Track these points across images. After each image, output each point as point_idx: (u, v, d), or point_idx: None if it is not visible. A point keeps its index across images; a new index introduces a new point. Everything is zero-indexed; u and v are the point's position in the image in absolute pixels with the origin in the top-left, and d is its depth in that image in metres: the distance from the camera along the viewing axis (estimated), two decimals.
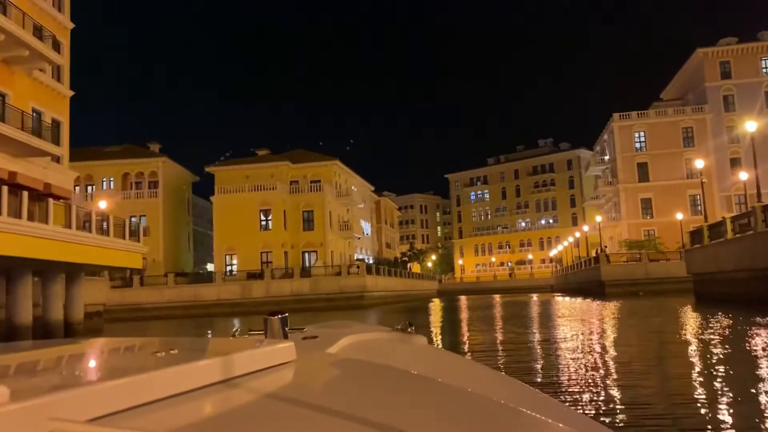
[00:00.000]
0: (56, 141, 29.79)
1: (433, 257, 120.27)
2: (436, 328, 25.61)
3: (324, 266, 56.36)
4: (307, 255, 60.46)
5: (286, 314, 1.83)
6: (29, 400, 0.82)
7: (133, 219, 59.71)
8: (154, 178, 60.81)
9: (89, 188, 60.14)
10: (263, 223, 58.97)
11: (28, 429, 0.80)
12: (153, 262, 58.86)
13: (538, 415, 1.27)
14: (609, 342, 16.95)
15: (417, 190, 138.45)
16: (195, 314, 49.53)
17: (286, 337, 1.76)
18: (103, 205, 36.62)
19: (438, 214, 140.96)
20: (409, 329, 2.51)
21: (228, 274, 57.06)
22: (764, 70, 67.20)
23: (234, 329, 2.18)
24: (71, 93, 31.02)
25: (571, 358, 13.12)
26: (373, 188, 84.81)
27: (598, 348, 15.44)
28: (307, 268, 56.95)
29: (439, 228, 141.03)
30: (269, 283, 52.49)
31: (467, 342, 18.84)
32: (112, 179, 60.48)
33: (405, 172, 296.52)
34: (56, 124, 30.07)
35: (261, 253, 58.07)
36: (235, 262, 58.73)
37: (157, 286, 52.27)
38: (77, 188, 60.30)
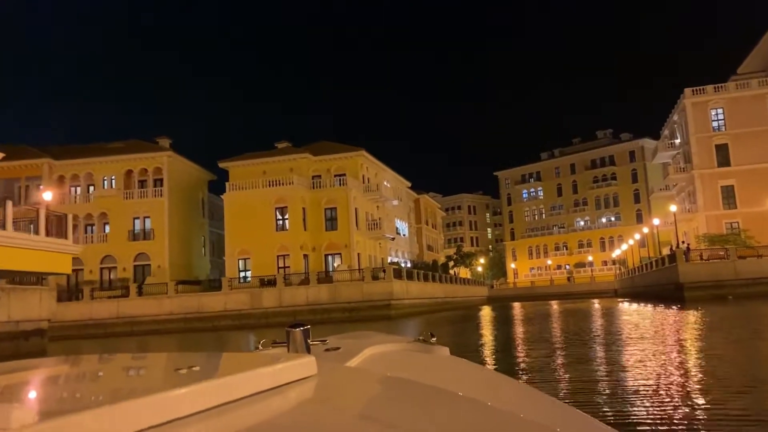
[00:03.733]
0: None
1: (482, 261, 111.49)
2: (475, 352, 17.59)
3: (349, 270, 49.02)
4: (330, 258, 53.18)
5: (308, 326, 1.82)
6: (52, 420, 0.81)
7: (136, 221, 54.14)
8: (160, 176, 54.67)
9: (90, 188, 54.62)
10: (279, 222, 52.00)
11: None
12: (158, 268, 52.94)
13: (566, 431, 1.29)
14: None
15: (464, 190, 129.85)
16: (198, 327, 43.23)
17: (308, 349, 1.77)
18: (47, 196, 30.06)
19: (488, 214, 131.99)
20: (431, 339, 2.48)
21: (242, 280, 50.42)
22: None
23: (259, 341, 2.20)
24: None
25: None
26: (410, 184, 76.97)
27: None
28: (329, 273, 49.76)
29: (489, 230, 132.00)
30: (282, 290, 45.48)
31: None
32: (113, 177, 54.61)
33: (451, 172, 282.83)
34: None
35: (277, 256, 51.11)
36: (249, 267, 51.92)
37: (157, 296, 45.97)
38: (77, 188, 55.13)
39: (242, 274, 51.47)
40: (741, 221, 57.20)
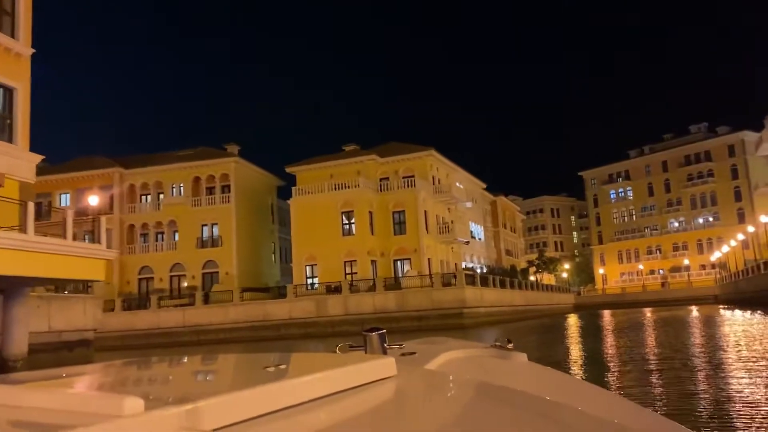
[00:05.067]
0: (6, 112, 22.54)
1: (567, 266, 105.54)
2: (558, 366, 14.39)
3: (418, 276, 46.21)
4: (399, 263, 50.50)
5: (384, 330, 1.83)
6: (160, 410, 0.90)
7: (204, 228, 53.57)
8: (227, 182, 53.87)
9: (160, 196, 54.54)
10: (346, 227, 49.86)
11: None
12: (226, 275, 52.11)
13: None
14: None
15: (545, 192, 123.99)
16: (264, 336, 41.74)
17: (385, 352, 1.77)
18: (93, 201, 28.99)
19: (573, 217, 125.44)
20: (508, 345, 2.40)
21: (309, 287, 48.66)
22: None
23: (336, 346, 2.16)
24: (31, 51, 23.74)
25: None
26: (485, 186, 73.23)
27: None
28: (398, 279, 47.11)
29: (574, 233, 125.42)
30: (347, 298, 43.26)
31: None
32: (181, 185, 54.32)
33: (529, 173, 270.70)
34: (7, 92, 22.78)
35: (344, 262, 48.96)
36: (316, 273, 50.09)
37: (222, 304, 44.86)
38: (147, 197, 55.24)
39: (309, 281, 49.73)
40: None
